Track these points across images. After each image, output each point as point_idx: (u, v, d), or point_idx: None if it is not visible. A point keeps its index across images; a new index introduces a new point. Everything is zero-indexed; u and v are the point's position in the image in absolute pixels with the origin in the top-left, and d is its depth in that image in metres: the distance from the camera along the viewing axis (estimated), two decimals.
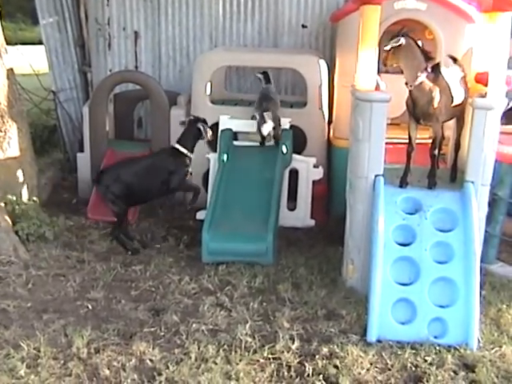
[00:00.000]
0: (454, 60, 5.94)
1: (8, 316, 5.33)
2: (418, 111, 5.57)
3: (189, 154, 6.75)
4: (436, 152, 5.64)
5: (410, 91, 5.52)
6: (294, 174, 7.31)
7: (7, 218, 6.63)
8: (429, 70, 5.44)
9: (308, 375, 4.61)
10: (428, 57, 5.49)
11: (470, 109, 5.46)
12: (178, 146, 6.78)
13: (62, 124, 9.77)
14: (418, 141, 5.72)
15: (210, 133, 6.84)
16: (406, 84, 5.49)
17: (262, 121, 7.22)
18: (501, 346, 4.99)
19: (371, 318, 5.02)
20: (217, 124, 7.61)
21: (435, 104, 5.45)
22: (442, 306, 5.08)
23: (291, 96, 9.02)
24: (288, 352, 4.82)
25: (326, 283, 6.00)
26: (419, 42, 5.50)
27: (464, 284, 5.07)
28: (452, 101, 5.58)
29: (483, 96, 5.41)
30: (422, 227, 5.31)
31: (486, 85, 5.47)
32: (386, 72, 6.90)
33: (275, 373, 4.63)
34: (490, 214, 6.02)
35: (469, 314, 4.98)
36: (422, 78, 5.42)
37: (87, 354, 4.77)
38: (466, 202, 5.34)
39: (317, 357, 4.79)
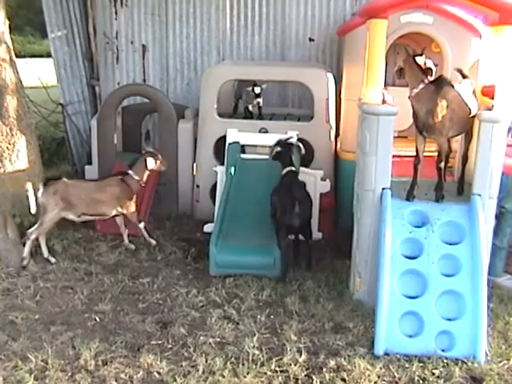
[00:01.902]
0: (462, 73, 5.95)
1: (16, 328, 5.35)
2: (419, 122, 5.59)
3: None
4: (442, 165, 5.64)
5: (410, 102, 5.57)
6: None
7: (15, 230, 6.66)
8: (426, 81, 5.47)
9: None
10: (423, 70, 5.51)
11: (477, 122, 5.47)
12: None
13: (70, 137, 9.85)
14: (425, 153, 5.73)
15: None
16: (409, 97, 5.55)
17: None
18: (509, 359, 4.98)
19: (378, 330, 5.02)
20: (224, 137, 7.64)
21: (437, 117, 5.45)
22: (449, 319, 5.06)
23: (298, 109, 9.07)
24: (295, 365, 4.82)
25: (333, 296, 5.99)
26: (418, 59, 5.55)
27: (471, 297, 5.06)
28: (465, 114, 5.58)
29: (490, 109, 5.43)
30: (429, 240, 5.31)
31: (492, 98, 5.48)
32: (393, 85, 6.94)
33: None
34: (498, 227, 6.02)
35: (476, 327, 4.97)
36: (418, 88, 5.47)
37: (95, 366, 4.78)
38: (473, 214, 5.34)
39: (324, 370, 4.78)
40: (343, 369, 4.79)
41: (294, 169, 6.66)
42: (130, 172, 6.97)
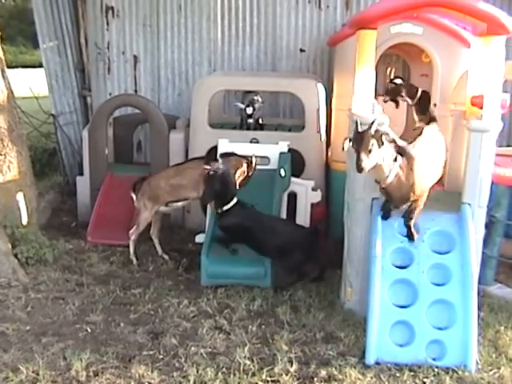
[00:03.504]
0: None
1: (7, 339, 5.33)
2: (397, 202, 5.26)
3: None
4: (411, 223, 5.34)
5: (382, 188, 5.16)
6: (293, 197, 7.30)
7: (6, 241, 6.64)
8: (399, 160, 4.95)
9: None
10: (397, 144, 4.93)
11: (466, 132, 5.50)
12: None
13: (62, 147, 9.83)
14: None
15: None
16: (378, 182, 5.11)
17: None
18: (499, 368, 4.99)
19: (369, 340, 5.02)
20: (215, 148, 7.64)
21: (417, 190, 5.12)
22: (440, 328, 5.08)
23: (289, 119, 9.08)
24: (287, 375, 4.81)
25: (324, 306, 6.00)
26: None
27: (462, 306, 5.08)
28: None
29: (479, 119, 5.46)
30: (420, 250, 5.33)
31: (481, 108, 5.53)
32: (383, 95, 6.96)
33: None
34: (488, 236, 6.06)
35: (467, 336, 4.99)
36: (395, 171, 4.97)
37: (86, 377, 4.76)
38: (462, 224, 5.37)
39: (315, 379, 4.78)
40: (334, 378, 4.79)
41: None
42: (219, 160, 6.82)
